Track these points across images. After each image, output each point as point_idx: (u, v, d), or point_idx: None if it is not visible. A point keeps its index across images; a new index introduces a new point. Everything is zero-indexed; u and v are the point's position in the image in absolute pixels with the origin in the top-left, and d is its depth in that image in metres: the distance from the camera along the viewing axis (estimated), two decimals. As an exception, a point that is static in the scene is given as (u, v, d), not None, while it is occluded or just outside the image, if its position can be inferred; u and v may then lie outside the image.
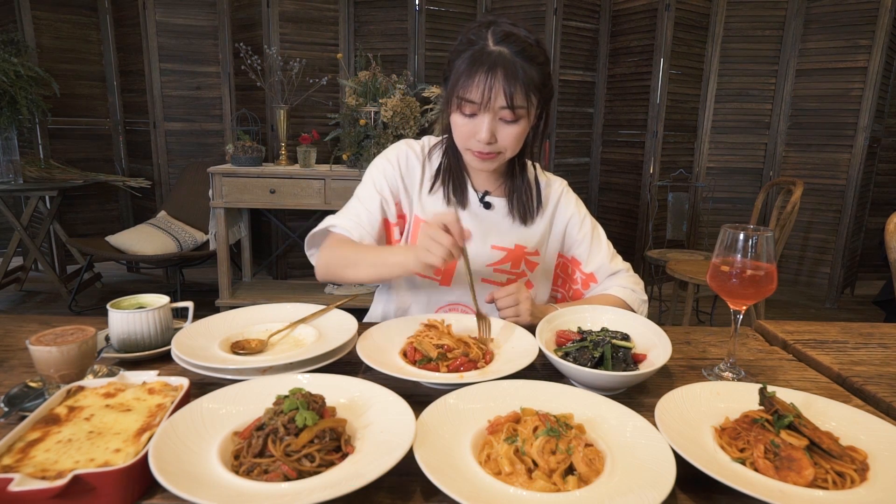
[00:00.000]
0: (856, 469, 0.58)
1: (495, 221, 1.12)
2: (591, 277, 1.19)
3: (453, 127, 1.02)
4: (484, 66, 0.92)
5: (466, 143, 1.01)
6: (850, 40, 3.39)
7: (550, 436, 0.60)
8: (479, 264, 1.11)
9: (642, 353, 0.86)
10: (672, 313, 3.21)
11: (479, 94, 0.93)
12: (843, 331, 1.09)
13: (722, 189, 3.77)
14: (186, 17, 3.57)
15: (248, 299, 3.12)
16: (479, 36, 0.96)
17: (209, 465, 0.56)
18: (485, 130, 0.96)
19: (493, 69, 0.92)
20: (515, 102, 0.93)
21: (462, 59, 0.95)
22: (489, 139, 0.97)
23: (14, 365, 0.85)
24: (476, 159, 1.02)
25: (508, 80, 0.92)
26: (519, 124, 0.97)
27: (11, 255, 3.33)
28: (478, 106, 0.95)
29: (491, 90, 0.92)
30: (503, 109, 0.94)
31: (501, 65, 0.92)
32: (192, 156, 3.75)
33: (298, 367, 0.78)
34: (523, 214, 1.12)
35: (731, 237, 0.81)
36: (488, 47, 0.94)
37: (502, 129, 0.97)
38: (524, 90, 0.94)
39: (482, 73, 0.92)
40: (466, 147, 1.01)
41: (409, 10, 3.45)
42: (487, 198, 1.12)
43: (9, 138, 3.13)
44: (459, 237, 0.85)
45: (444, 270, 1.11)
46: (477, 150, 1.00)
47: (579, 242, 1.19)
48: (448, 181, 1.10)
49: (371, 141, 2.97)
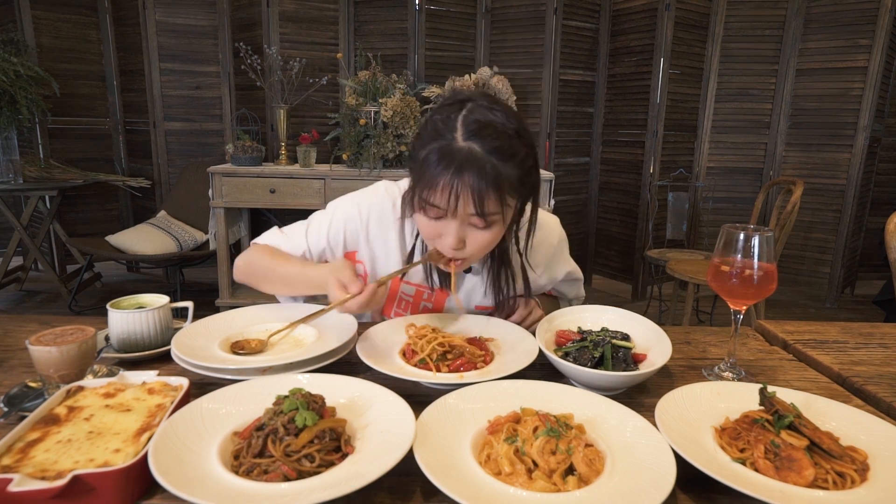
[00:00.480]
0: (856, 469, 0.58)
1: (478, 284, 1.06)
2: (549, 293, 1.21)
3: (419, 227, 0.92)
4: (451, 169, 0.79)
5: (434, 244, 0.91)
6: (850, 40, 3.39)
7: (550, 436, 0.60)
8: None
9: (642, 353, 0.86)
10: (672, 313, 3.21)
11: (445, 201, 0.81)
12: (843, 331, 1.09)
13: (722, 189, 3.77)
14: (186, 17, 3.56)
15: (248, 299, 3.12)
16: (448, 125, 0.82)
17: (209, 465, 0.56)
18: (452, 237, 0.84)
19: (461, 172, 0.79)
20: (486, 209, 0.81)
21: (427, 152, 0.83)
22: (457, 245, 0.86)
23: (14, 365, 0.85)
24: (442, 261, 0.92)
25: (479, 184, 0.79)
26: (491, 230, 0.85)
27: (11, 255, 3.33)
28: (444, 211, 0.83)
29: (458, 198, 0.80)
30: (473, 216, 0.83)
31: (470, 167, 0.79)
32: (192, 155, 3.75)
33: (298, 367, 0.78)
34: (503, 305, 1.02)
35: (731, 237, 0.81)
36: (456, 143, 0.80)
37: (472, 234, 0.86)
38: (497, 195, 0.81)
39: (448, 177, 0.79)
40: (432, 246, 0.92)
41: (409, 9, 3.45)
42: None
43: (9, 138, 3.13)
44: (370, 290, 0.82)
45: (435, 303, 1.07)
46: (443, 253, 0.90)
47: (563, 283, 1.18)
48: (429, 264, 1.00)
49: (371, 140, 2.97)
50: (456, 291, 0.94)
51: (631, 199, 3.73)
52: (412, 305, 1.08)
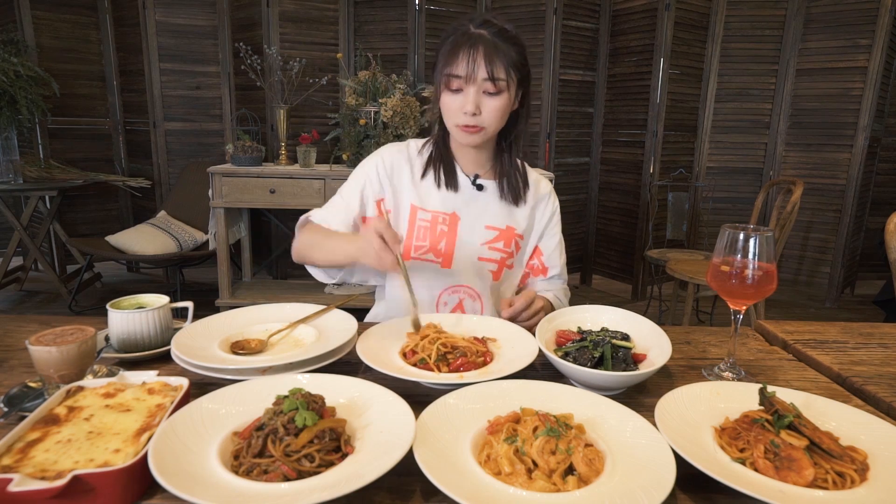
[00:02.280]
0: (856, 469, 0.58)
1: (487, 202, 1.19)
2: (544, 270, 1.26)
3: (442, 107, 1.10)
4: (466, 45, 1.02)
5: (455, 119, 1.08)
6: (850, 40, 3.39)
7: (550, 436, 0.60)
8: (474, 242, 1.17)
9: (642, 353, 0.86)
10: (672, 313, 3.21)
11: (463, 68, 1.02)
12: (843, 331, 1.09)
13: (722, 189, 3.77)
14: (186, 17, 3.56)
15: (248, 299, 3.12)
16: (461, 23, 1.07)
17: (209, 465, 0.56)
18: (470, 102, 1.04)
19: (475, 46, 1.02)
20: (496, 74, 1.02)
21: (447, 44, 1.06)
22: (474, 110, 1.04)
23: (14, 365, 0.85)
24: (462, 133, 1.09)
25: (489, 54, 1.01)
26: (501, 97, 1.05)
27: (11, 255, 3.33)
28: (462, 80, 1.03)
29: (474, 63, 1.02)
30: (486, 81, 1.03)
31: (482, 42, 1.02)
32: (192, 156, 3.75)
33: (298, 367, 0.78)
34: (515, 196, 1.19)
35: (731, 237, 0.81)
36: (470, 30, 1.04)
37: (486, 102, 1.05)
38: (504, 65, 1.03)
39: (465, 50, 1.02)
40: (455, 123, 1.08)
41: (409, 9, 3.45)
42: (479, 180, 1.19)
43: (8, 138, 3.13)
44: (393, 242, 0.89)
45: (444, 252, 1.16)
46: (463, 123, 1.07)
47: (549, 237, 1.26)
48: (439, 167, 1.17)
49: (371, 140, 2.97)
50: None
51: (631, 199, 3.73)
52: (430, 231, 1.16)
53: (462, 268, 1.16)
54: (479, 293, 1.18)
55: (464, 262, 1.16)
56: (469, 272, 1.17)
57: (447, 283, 1.17)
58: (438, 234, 1.16)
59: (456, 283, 1.17)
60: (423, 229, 1.16)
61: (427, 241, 1.16)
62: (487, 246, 1.17)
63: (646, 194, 3.59)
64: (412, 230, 1.16)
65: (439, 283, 1.17)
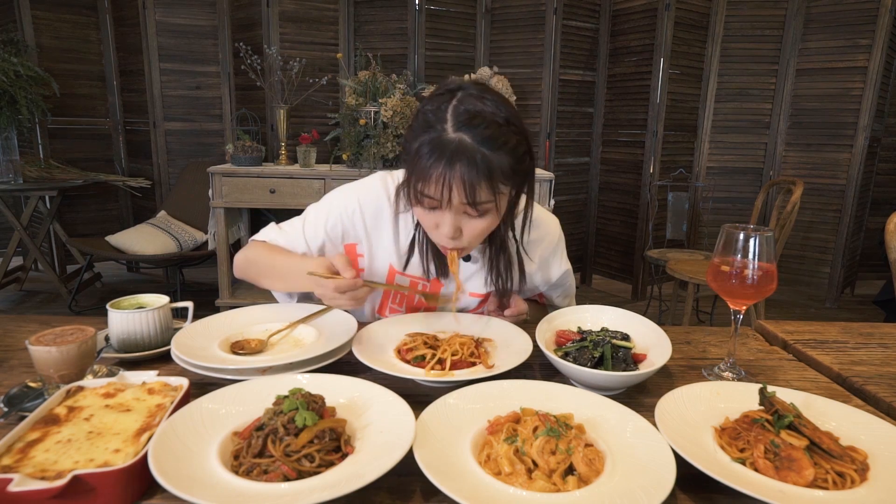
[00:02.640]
0: (856, 469, 0.58)
1: (474, 272, 1.06)
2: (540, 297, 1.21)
3: (417, 217, 0.94)
4: (442, 161, 0.80)
5: (431, 235, 0.93)
6: (850, 40, 3.39)
7: (550, 436, 0.60)
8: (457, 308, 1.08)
9: (642, 353, 0.86)
10: (672, 313, 3.21)
11: (438, 192, 0.82)
12: (843, 331, 1.09)
13: (722, 189, 3.77)
14: (186, 17, 3.56)
15: (248, 299, 3.12)
16: (438, 117, 0.83)
17: (209, 465, 0.56)
18: (448, 226, 0.86)
19: (452, 163, 0.79)
20: (478, 199, 0.82)
21: (419, 144, 0.83)
22: (453, 234, 0.87)
23: (14, 365, 0.85)
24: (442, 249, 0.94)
25: (470, 175, 0.80)
26: (485, 219, 0.87)
27: (11, 255, 3.33)
28: (437, 202, 0.84)
29: (450, 189, 0.81)
30: (466, 205, 0.83)
31: (461, 157, 0.79)
32: (192, 156, 3.75)
33: (298, 367, 0.78)
34: (501, 289, 1.03)
35: (731, 237, 0.81)
36: (447, 134, 0.81)
37: (467, 223, 0.87)
38: (489, 184, 0.81)
39: (440, 169, 0.80)
40: (433, 238, 0.94)
41: (409, 9, 3.45)
42: None
43: (9, 138, 3.13)
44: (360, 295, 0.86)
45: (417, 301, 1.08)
46: (441, 244, 0.92)
47: (555, 289, 1.17)
48: (426, 255, 1.01)
49: (371, 140, 2.97)
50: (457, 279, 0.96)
51: (631, 199, 3.73)
52: (407, 298, 1.08)
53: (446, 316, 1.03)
54: None
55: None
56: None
57: None
58: (417, 301, 1.07)
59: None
60: (401, 294, 1.07)
61: (403, 305, 1.08)
62: (469, 311, 1.08)
63: (646, 194, 3.59)
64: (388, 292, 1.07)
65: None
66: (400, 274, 1.05)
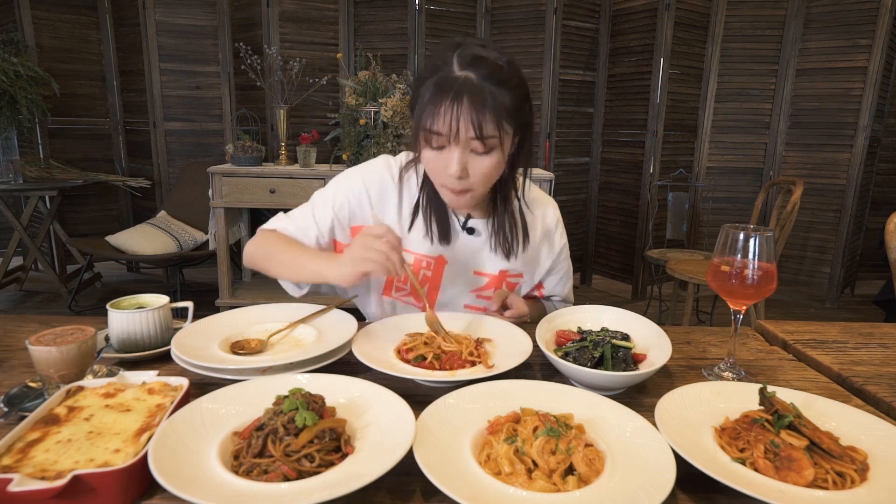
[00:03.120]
0: (856, 469, 0.58)
1: (478, 248, 1.07)
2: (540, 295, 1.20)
3: (424, 162, 0.95)
4: (449, 94, 0.84)
5: (439, 179, 0.94)
6: (850, 40, 3.39)
7: (550, 436, 0.59)
8: (461, 290, 1.08)
9: (642, 353, 0.86)
10: (672, 313, 3.21)
11: (446, 126, 0.85)
12: (843, 331, 1.09)
13: (722, 189, 3.77)
14: (186, 17, 3.57)
15: (248, 299, 3.12)
16: (444, 61, 0.87)
17: (209, 465, 0.56)
18: (455, 163, 0.88)
19: (459, 97, 0.84)
20: (485, 132, 0.85)
21: (426, 87, 0.87)
22: (460, 173, 0.89)
23: (14, 365, 0.85)
24: (449, 195, 0.96)
25: (476, 107, 0.84)
26: (491, 156, 0.89)
27: (11, 255, 3.33)
28: (445, 138, 0.87)
29: (458, 121, 0.84)
30: (473, 140, 0.86)
31: (468, 91, 0.84)
32: (192, 156, 3.75)
33: (298, 367, 0.78)
34: (507, 250, 1.06)
35: (731, 237, 0.81)
36: (453, 73, 0.85)
37: (474, 161, 0.89)
38: (495, 118, 0.85)
39: (447, 102, 0.84)
40: (440, 183, 0.95)
41: (409, 9, 3.45)
42: (470, 222, 1.06)
43: (9, 138, 3.13)
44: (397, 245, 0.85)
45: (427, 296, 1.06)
46: (448, 186, 0.93)
47: (556, 273, 1.17)
48: (430, 216, 1.03)
49: (371, 140, 2.97)
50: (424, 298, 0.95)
51: (631, 199, 3.73)
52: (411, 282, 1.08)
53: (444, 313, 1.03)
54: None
55: (447, 309, 1.06)
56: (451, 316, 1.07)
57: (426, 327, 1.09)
58: (421, 278, 1.07)
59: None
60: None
61: (408, 284, 1.08)
62: (475, 294, 1.09)
63: (646, 194, 3.59)
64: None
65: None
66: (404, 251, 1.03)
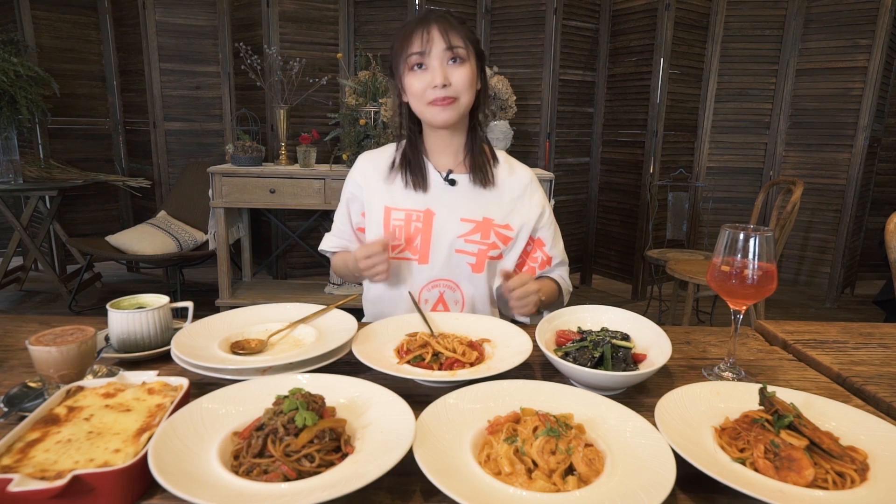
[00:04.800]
0: (856, 469, 0.58)
1: (461, 195, 1.19)
2: (548, 261, 1.26)
3: (409, 91, 1.09)
4: (419, 25, 1.05)
5: (425, 97, 1.07)
6: (850, 40, 3.39)
7: (550, 436, 0.59)
8: (450, 236, 1.17)
9: (642, 353, 0.86)
10: (672, 313, 3.21)
11: (421, 44, 1.04)
12: (843, 331, 1.09)
13: (722, 189, 3.77)
14: (186, 17, 3.56)
15: (248, 299, 3.12)
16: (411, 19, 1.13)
17: (209, 465, 0.56)
18: (437, 73, 1.04)
19: (427, 20, 1.05)
20: (454, 42, 1.04)
21: (400, 33, 1.08)
22: (444, 80, 1.04)
23: (14, 365, 0.85)
24: (436, 109, 1.08)
25: (442, 27, 1.04)
26: (466, 66, 1.07)
27: (11, 255, 3.33)
28: (422, 55, 1.05)
29: (429, 36, 1.04)
30: (446, 51, 1.04)
31: (433, 15, 1.06)
32: (192, 156, 3.75)
33: (298, 367, 0.78)
34: (483, 179, 1.19)
35: (731, 237, 0.81)
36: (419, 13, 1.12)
37: (452, 71, 1.06)
38: (459, 33, 1.05)
39: (419, 28, 1.05)
40: (426, 101, 1.08)
41: (408, 9, 3.45)
42: (452, 175, 1.19)
43: (9, 138, 3.13)
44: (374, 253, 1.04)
45: (420, 249, 1.18)
46: (433, 97, 1.06)
47: (546, 227, 1.26)
48: (406, 169, 1.18)
49: (371, 141, 2.97)
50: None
51: (631, 199, 3.73)
52: (404, 230, 1.18)
53: (439, 263, 1.17)
54: (457, 283, 1.18)
55: (440, 256, 1.17)
56: (446, 266, 1.17)
57: (426, 280, 1.18)
58: (413, 231, 1.18)
59: (434, 277, 1.18)
60: (398, 228, 1.18)
61: (402, 239, 1.18)
62: (464, 239, 1.17)
63: (646, 194, 3.59)
64: (387, 231, 1.18)
65: (418, 281, 1.18)
66: (394, 210, 1.18)
